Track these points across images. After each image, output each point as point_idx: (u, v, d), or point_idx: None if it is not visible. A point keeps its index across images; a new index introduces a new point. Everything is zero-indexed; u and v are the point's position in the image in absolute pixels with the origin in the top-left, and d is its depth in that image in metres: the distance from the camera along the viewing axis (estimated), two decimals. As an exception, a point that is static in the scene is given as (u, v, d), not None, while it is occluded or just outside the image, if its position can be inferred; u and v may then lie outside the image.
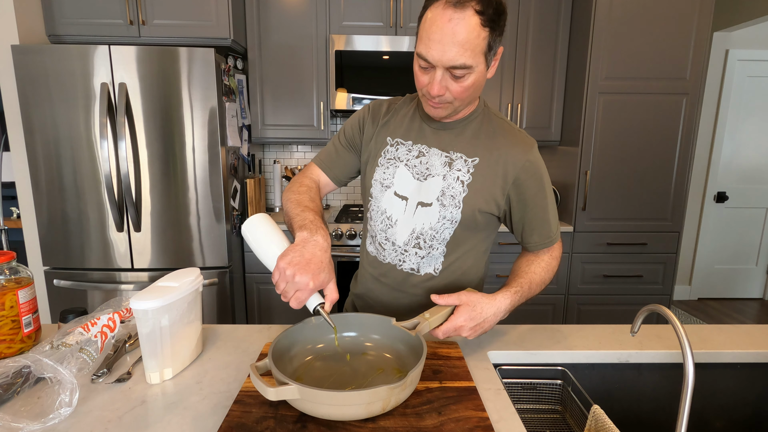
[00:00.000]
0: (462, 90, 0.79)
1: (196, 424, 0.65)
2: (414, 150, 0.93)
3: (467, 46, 0.73)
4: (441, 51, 0.74)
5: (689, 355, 0.62)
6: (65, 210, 2.00)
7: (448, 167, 0.90)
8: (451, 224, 0.91)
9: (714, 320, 3.19)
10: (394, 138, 0.95)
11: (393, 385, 0.61)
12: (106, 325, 0.84)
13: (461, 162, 0.89)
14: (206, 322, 1.53)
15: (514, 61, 2.42)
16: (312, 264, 0.71)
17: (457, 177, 0.89)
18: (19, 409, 0.67)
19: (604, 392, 0.92)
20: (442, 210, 0.90)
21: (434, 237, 0.92)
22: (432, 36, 0.74)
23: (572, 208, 2.36)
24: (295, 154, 2.84)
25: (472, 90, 0.81)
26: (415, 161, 0.92)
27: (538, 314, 2.45)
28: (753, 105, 3.28)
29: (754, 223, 3.47)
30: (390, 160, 0.94)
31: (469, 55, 0.74)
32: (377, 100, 1.02)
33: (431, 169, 0.90)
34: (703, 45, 2.16)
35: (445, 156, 0.90)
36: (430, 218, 0.91)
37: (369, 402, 0.61)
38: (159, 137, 1.97)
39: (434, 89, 0.78)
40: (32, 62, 1.88)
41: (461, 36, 0.72)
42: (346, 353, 0.79)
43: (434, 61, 0.75)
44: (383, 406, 0.62)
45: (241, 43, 2.29)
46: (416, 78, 0.83)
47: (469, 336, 0.81)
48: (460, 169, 0.89)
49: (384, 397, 0.61)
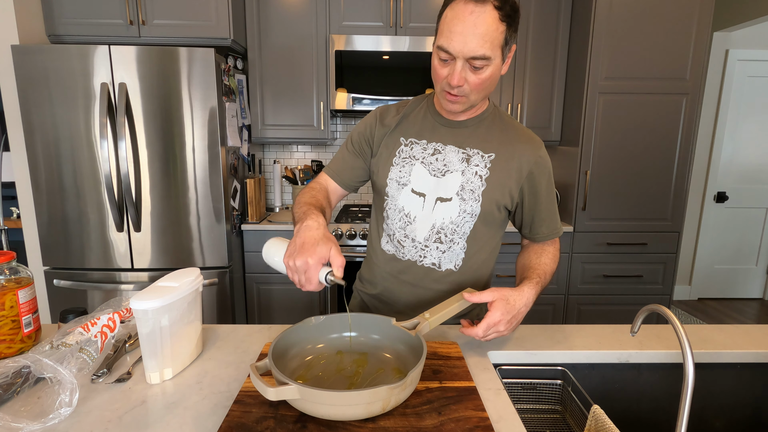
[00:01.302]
0: (480, 82, 0.83)
1: (196, 424, 0.65)
2: (429, 148, 0.96)
3: (487, 37, 0.77)
4: (462, 42, 0.78)
5: (689, 355, 0.62)
6: (65, 210, 2.00)
7: (466, 163, 0.93)
8: (471, 218, 0.94)
9: (714, 320, 3.19)
10: (408, 138, 0.98)
11: (393, 385, 0.61)
12: (106, 325, 0.84)
13: (478, 157, 0.93)
14: (206, 322, 1.53)
15: (514, 61, 2.42)
16: (306, 245, 0.75)
17: (476, 172, 0.93)
18: (19, 409, 0.67)
19: (604, 392, 0.92)
20: (462, 204, 0.93)
21: (455, 231, 0.95)
22: (453, 28, 0.78)
23: (572, 208, 2.36)
24: (295, 154, 2.84)
25: (489, 83, 0.84)
26: (431, 159, 0.95)
27: (538, 314, 2.45)
28: (753, 105, 3.28)
29: (754, 223, 3.47)
30: (405, 159, 0.97)
31: (488, 47, 0.78)
32: (384, 106, 1.05)
33: (449, 166, 0.94)
34: (703, 45, 2.16)
35: (462, 152, 0.94)
36: (451, 213, 0.94)
37: (369, 402, 0.61)
38: (159, 137, 1.97)
39: (454, 79, 0.81)
40: (32, 62, 1.88)
41: (482, 28, 0.77)
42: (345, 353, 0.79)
43: (456, 52, 0.79)
44: (383, 406, 0.63)
45: (241, 43, 2.29)
46: (435, 72, 0.86)
47: (506, 331, 0.83)
48: (477, 164, 0.93)
49: (384, 397, 0.62)
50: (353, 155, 1.04)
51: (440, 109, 0.97)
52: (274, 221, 2.36)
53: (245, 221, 2.37)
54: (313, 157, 2.85)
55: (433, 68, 0.87)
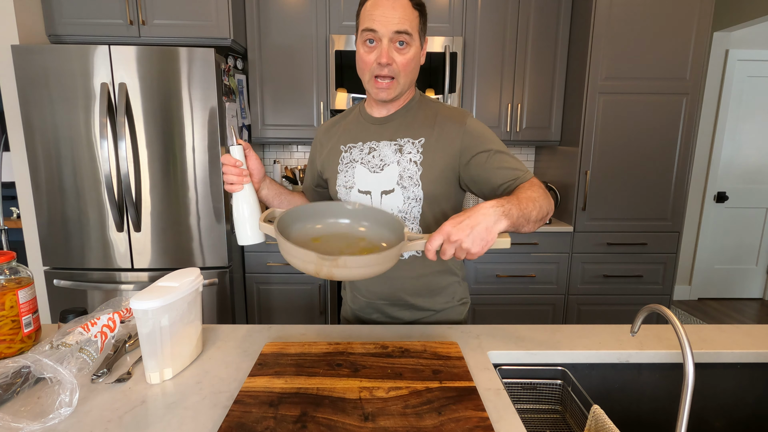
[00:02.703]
0: (406, 62, 0.91)
1: (196, 424, 0.65)
2: (365, 148, 1.01)
3: (405, 17, 0.88)
4: (386, 20, 0.87)
5: (689, 355, 0.62)
6: (65, 210, 2.00)
7: (399, 153, 0.98)
8: (417, 202, 0.98)
9: (714, 320, 3.19)
10: (346, 144, 1.04)
11: (323, 256, 0.69)
12: (106, 325, 0.84)
13: (410, 145, 0.98)
14: (206, 322, 1.53)
15: (514, 61, 2.42)
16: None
17: (410, 159, 0.97)
18: (19, 409, 0.67)
19: (604, 392, 0.92)
20: (404, 192, 0.97)
21: (405, 218, 0.99)
22: (374, 12, 0.88)
23: (572, 208, 2.36)
24: (295, 154, 2.84)
25: (413, 65, 0.93)
26: (368, 157, 1.00)
27: (538, 314, 2.45)
28: (753, 105, 3.29)
29: (754, 223, 3.47)
30: (347, 164, 1.02)
31: (408, 25, 0.89)
32: (324, 123, 1.13)
33: (385, 159, 0.99)
34: (703, 45, 2.16)
35: (394, 144, 0.99)
36: (396, 202, 0.98)
37: (304, 260, 0.71)
38: (159, 137, 1.97)
39: (383, 57, 0.89)
40: (32, 62, 1.88)
41: (399, 10, 0.88)
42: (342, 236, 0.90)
43: (381, 29, 0.88)
44: (316, 270, 0.71)
45: (241, 43, 2.29)
46: (361, 62, 0.93)
47: (472, 247, 0.73)
48: (410, 151, 0.97)
49: (314, 261, 0.70)
50: (311, 176, 1.15)
51: (370, 109, 1.03)
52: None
53: (245, 221, 2.37)
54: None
55: (359, 60, 0.93)
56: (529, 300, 2.42)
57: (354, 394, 0.70)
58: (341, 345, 0.86)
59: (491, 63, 2.42)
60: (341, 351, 0.84)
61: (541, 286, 2.40)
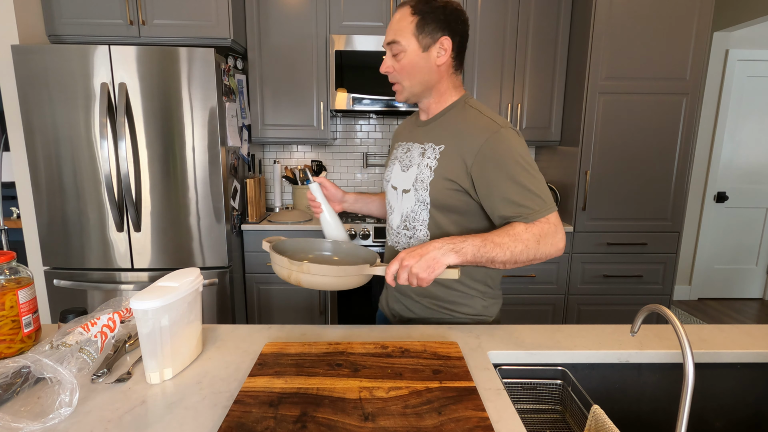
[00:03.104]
0: (401, 67, 0.98)
1: (196, 424, 0.65)
2: (404, 147, 1.08)
3: (397, 27, 0.96)
4: (385, 35, 0.99)
5: (689, 355, 0.62)
6: (65, 210, 2.00)
7: (422, 157, 1.01)
8: (424, 206, 1.01)
9: (714, 320, 3.19)
10: (397, 142, 1.13)
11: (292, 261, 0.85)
12: (106, 325, 0.84)
13: (431, 150, 1.00)
14: (206, 322, 1.53)
15: (514, 61, 2.42)
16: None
17: (427, 164, 1.00)
18: (19, 409, 0.67)
19: (604, 392, 0.92)
20: (416, 194, 1.01)
21: (415, 218, 1.03)
22: None
23: (572, 208, 2.36)
24: (295, 154, 2.84)
25: (412, 69, 0.97)
26: (403, 156, 1.07)
27: (538, 314, 2.45)
28: (753, 105, 3.28)
29: (754, 223, 3.47)
30: (392, 159, 1.12)
31: (397, 34, 0.96)
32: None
33: (412, 160, 1.04)
34: (703, 45, 2.16)
35: (420, 147, 1.03)
36: (410, 202, 1.03)
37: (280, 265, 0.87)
38: (159, 137, 1.97)
39: (382, 67, 1.00)
40: (32, 62, 1.88)
41: (394, 24, 0.97)
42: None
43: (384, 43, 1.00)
44: (288, 274, 0.86)
45: (241, 43, 2.29)
46: None
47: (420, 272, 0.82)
48: (429, 156, 1.00)
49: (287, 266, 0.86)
50: None
51: (419, 113, 1.10)
52: (274, 221, 2.36)
53: (245, 221, 2.37)
54: (313, 157, 2.85)
55: None
56: (529, 300, 2.42)
57: (354, 394, 0.70)
58: (341, 345, 0.86)
59: (491, 63, 2.42)
60: (341, 351, 0.84)
61: (541, 286, 2.41)
